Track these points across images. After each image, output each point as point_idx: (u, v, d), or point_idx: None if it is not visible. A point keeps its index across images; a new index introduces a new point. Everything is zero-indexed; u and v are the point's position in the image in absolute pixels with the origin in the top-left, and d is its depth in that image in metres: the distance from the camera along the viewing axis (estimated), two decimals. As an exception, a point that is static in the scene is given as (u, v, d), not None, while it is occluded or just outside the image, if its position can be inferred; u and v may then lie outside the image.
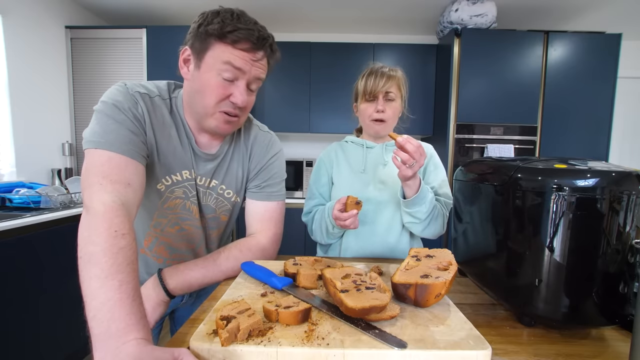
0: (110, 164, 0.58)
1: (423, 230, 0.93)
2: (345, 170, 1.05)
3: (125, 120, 0.63)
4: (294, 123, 2.77)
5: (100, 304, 0.43)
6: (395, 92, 0.98)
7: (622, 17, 2.59)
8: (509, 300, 0.57)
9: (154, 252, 0.80)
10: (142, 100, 0.67)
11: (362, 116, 1.03)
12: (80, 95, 2.52)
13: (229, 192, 0.81)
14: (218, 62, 0.64)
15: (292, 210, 2.12)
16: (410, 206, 0.88)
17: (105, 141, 0.59)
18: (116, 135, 0.61)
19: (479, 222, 0.66)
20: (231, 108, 0.68)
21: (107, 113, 0.62)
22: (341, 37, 2.99)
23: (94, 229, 0.50)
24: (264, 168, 0.82)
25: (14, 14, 2.05)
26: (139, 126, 0.65)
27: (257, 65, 0.67)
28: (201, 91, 0.66)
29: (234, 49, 0.64)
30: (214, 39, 0.63)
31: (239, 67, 0.65)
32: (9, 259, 1.44)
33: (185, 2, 2.49)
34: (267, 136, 0.84)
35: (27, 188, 1.93)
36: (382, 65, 1.00)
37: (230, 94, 0.67)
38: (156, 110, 0.69)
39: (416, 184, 0.86)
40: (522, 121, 2.34)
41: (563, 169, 0.50)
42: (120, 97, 0.64)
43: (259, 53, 0.66)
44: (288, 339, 0.40)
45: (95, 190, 0.55)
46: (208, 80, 0.65)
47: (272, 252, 0.81)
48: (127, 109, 0.64)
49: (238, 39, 0.63)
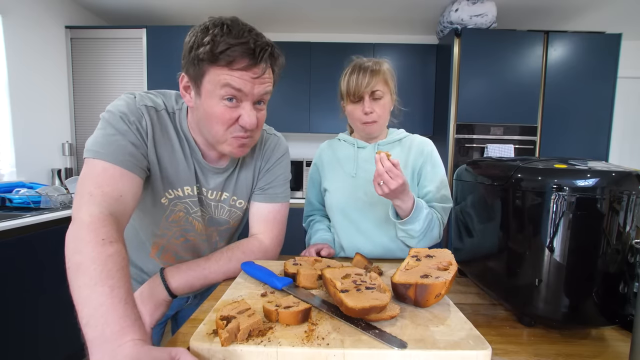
0: (104, 174, 0.58)
1: (418, 243, 0.90)
2: (336, 174, 1.02)
3: (128, 132, 0.62)
4: (294, 123, 2.77)
5: (92, 309, 0.42)
6: (382, 88, 0.90)
7: (622, 17, 2.59)
8: (509, 300, 0.57)
9: (162, 259, 0.81)
10: (148, 113, 0.65)
11: (350, 118, 0.97)
12: (80, 95, 2.51)
13: (240, 202, 0.81)
14: (217, 87, 0.60)
15: (293, 211, 2.12)
16: (404, 225, 0.86)
17: (104, 152, 0.59)
18: (116, 146, 0.60)
19: (479, 222, 0.66)
20: (242, 132, 0.65)
21: (111, 122, 0.62)
22: (341, 37, 2.99)
23: (80, 239, 0.50)
24: (269, 170, 0.82)
25: (14, 14, 2.05)
26: (141, 139, 0.64)
27: (260, 81, 0.62)
28: (207, 119, 0.63)
29: (230, 70, 0.59)
30: (206, 64, 0.59)
31: (239, 89, 0.60)
32: (9, 259, 1.44)
33: (185, 2, 2.49)
34: (274, 139, 0.84)
35: (27, 188, 1.93)
36: (365, 60, 0.93)
37: (238, 117, 0.63)
38: (161, 125, 0.68)
39: (408, 203, 0.82)
40: (522, 121, 2.34)
41: (563, 169, 0.50)
42: (126, 108, 0.63)
43: (258, 68, 0.60)
44: (288, 339, 0.40)
45: (85, 201, 0.55)
46: (211, 108, 0.62)
47: (274, 253, 0.81)
48: (132, 122, 0.63)
49: (233, 58, 0.57)
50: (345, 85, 0.92)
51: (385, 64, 0.94)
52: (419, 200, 0.85)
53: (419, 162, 0.98)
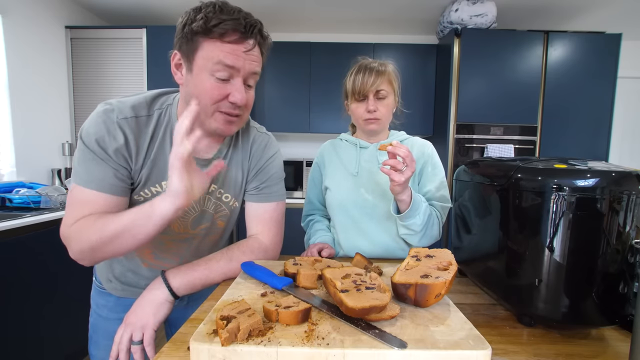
0: (96, 203, 0.63)
1: (420, 240, 0.92)
2: (338, 172, 1.03)
3: (109, 159, 0.64)
4: (293, 123, 2.77)
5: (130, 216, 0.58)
6: (386, 88, 0.93)
7: (622, 17, 2.59)
8: (509, 300, 0.57)
9: (140, 256, 0.80)
10: (129, 126, 0.65)
11: (353, 116, 0.99)
12: (80, 95, 2.51)
13: (227, 196, 0.79)
14: (209, 62, 0.62)
15: (292, 211, 2.12)
16: (405, 219, 0.86)
17: (90, 180, 0.63)
18: (103, 176, 0.63)
19: (479, 222, 0.66)
20: (231, 108, 0.66)
21: (91, 149, 0.63)
22: (341, 37, 2.99)
23: (85, 231, 0.60)
24: (262, 169, 0.81)
25: (14, 14, 2.05)
26: (122, 162, 0.65)
27: (250, 58, 0.64)
28: (197, 94, 0.64)
29: (222, 43, 0.61)
30: (200, 36, 0.61)
31: (232, 65, 0.62)
32: (9, 259, 1.44)
33: (185, 2, 2.49)
34: (264, 138, 0.84)
35: (27, 188, 1.93)
36: (371, 61, 0.95)
37: (227, 94, 0.65)
38: (141, 131, 0.68)
39: (408, 196, 0.83)
40: (522, 121, 2.34)
41: (563, 169, 0.50)
42: (103, 130, 0.63)
43: (249, 42, 0.63)
44: (288, 338, 0.40)
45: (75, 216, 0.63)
46: (202, 82, 0.63)
47: (274, 253, 0.81)
48: (109, 146, 0.63)
49: (225, 31, 0.60)
50: (351, 84, 0.94)
51: (391, 66, 0.96)
52: (416, 194, 0.86)
53: (420, 163, 0.99)
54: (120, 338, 0.63)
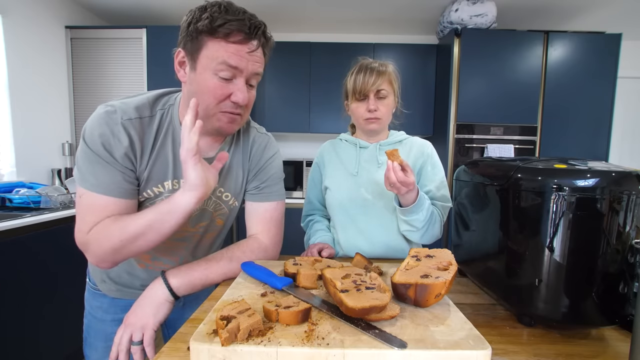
0: (109, 207, 0.64)
1: (421, 237, 0.92)
2: (338, 172, 1.03)
3: (115, 163, 0.64)
4: (293, 123, 2.77)
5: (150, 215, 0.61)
6: (387, 88, 0.94)
7: (622, 17, 2.59)
8: (509, 300, 0.57)
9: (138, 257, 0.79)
10: (133, 127, 0.65)
11: (354, 116, 1.00)
12: (80, 95, 2.51)
13: (227, 195, 0.80)
14: (213, 62, 0.62)
15: (292, 211, 2.12)
16: (407, 214, 0.87)
17: (99, 185, 0.63)
18: (112, 180, 0.64)
19: (479, 222, 0.66)
20: (232, 108, 0.67)
21: (96, 152, 0.62)
22: (341, 37, 2.99)
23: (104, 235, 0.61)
24: (262, 169, 0.82)
25: (14, 14, 2.05)
26: (128, 164, 0.65)
27: (254, 59, 0.65)
28: (199, 93, 0.64)
29: (227, 43, 0.62)
30: (205, 35, 0.62)
31: (236, 66, 0.63)
32: (9, 259, 1.44)
33: (185, 2, 2.49)
34: (264, 138, 0.84)
35: (27, 188, 1.93)
36: (371, 61, 0.96)
37: (230, 94, 0.65)
38: (145, 132, 0.68)
39: (413, 194, 0.84)
40: (522, 121, 2.34)
41: (563, 169, 0.50)
42: (107, 133, 0.63)
43: (253, 43, 0.64)
44: (288, 338, 0.40)
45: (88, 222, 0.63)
46: (205, 81, 0.63)
47: (274, 253, 0.81)
48: (115, 149, 0.63)
49: (230, 31, 0.61)
50: (352, 84, 0.95)
51: (391, 66, 0.97)
52: (421, 193, 0.87)
53: (419, 162, 0.99)
54: (120, 339, 0.63)
